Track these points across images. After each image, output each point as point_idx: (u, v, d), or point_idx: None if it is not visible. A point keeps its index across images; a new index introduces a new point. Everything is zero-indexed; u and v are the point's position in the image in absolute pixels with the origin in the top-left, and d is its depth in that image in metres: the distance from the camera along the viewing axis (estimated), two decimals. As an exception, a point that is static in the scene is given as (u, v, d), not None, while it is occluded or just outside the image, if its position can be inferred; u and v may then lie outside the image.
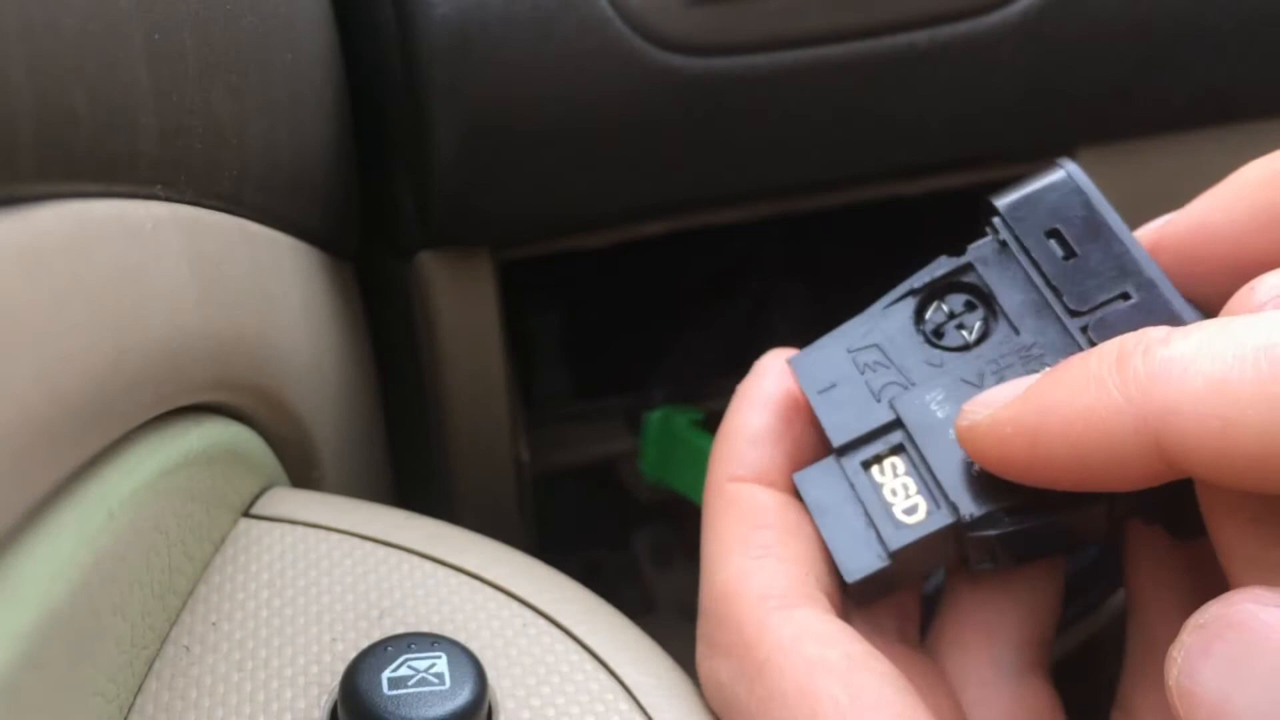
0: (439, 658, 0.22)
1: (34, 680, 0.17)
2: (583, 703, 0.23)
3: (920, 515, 0.21)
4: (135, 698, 0.22)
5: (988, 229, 0.24)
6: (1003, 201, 0.23)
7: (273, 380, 0.30)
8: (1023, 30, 0.43)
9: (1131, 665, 0.24)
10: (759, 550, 0.22)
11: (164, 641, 0.23)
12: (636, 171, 0.43)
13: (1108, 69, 0.45)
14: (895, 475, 0.22)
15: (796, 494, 0.24)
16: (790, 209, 0.48)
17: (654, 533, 0.68)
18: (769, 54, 0.41)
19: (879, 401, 0.22)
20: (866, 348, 0.23)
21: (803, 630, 0.21)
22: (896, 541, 0.21)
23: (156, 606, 0.23)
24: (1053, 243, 0.23)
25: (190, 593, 0.25)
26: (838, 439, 0.22)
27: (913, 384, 0.22)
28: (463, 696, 0.21)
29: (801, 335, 0.24)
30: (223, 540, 0.26)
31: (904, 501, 0.21)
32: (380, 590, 0.25)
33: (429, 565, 0.26)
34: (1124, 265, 0.22)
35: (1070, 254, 0.22)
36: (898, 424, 0.22)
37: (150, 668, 0.23)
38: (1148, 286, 0.22)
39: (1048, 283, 0.22)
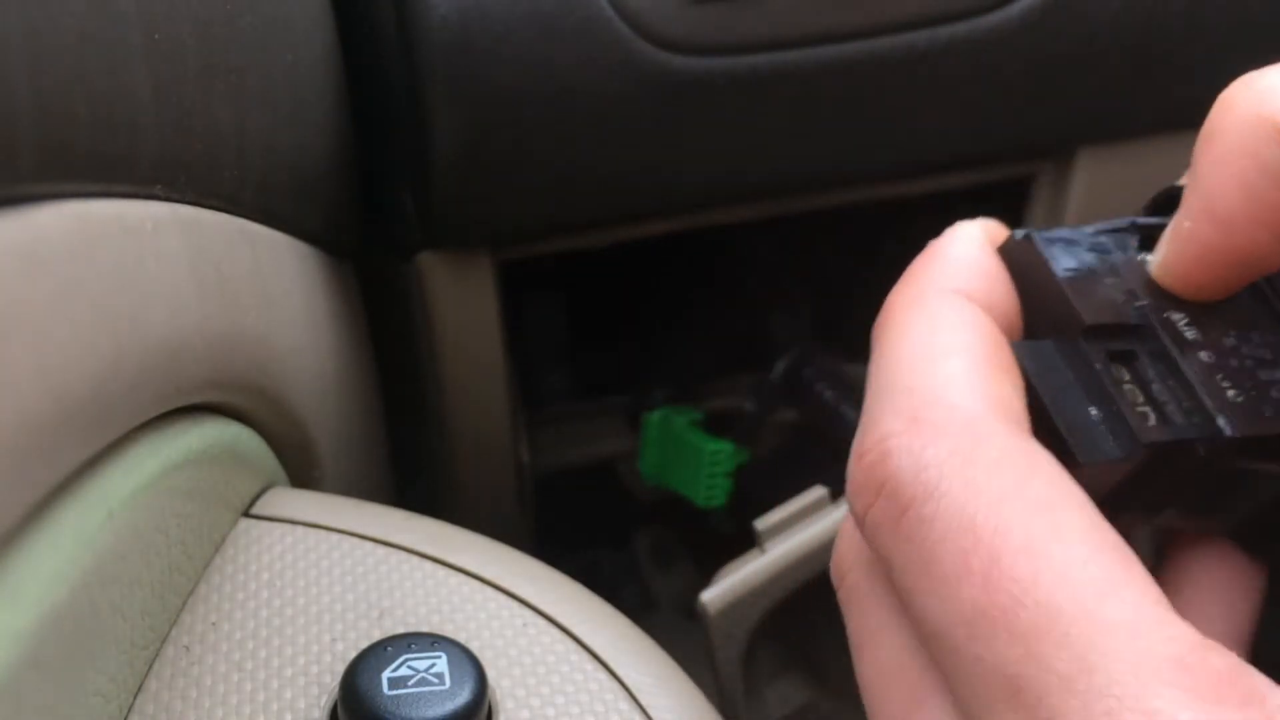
0: (439, 658, 0.22)
1: (34, 680, 0.17)
2: (583, 703, 0.23)
3: (1153, 421, 0.20)
4: (135, 698, 0.22)
5: None
6: None
7: (273, 380, 0.30)
8: (1023, 30, 0.43)
9: None
10: (986, 363, 0.20)
11: (164, 641, 0.23)
12: (636, 171, 0.43)
13: (1108, 69, 0.45)
14: (1125, 381, 0.21)
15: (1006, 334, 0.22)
16: (790, 209, 0.48)
17: (654, 533, 0.68)
18: (769, 54, 0.41)
19: (1121, 303, 0.22)
20: (1104, 253, 0.23)
21: (1043, 450, 0.19)
22: (1150, 437, 0.20)
23: (156, 606, 0.23)
24: None
25: (190, 593, 0.25)
26: (1090, 317, 0.21)
27: (1148, 299, 0.22)
28: (463, 696, 0.21)
29: (801, 335, 0.24)
30: (223, 540, 0.26)
31: (1139, 406, 0.21)
32: (380, 590, 0.25)
33: (429, 565, 0.26)
34: None
35: None
36: (1139, 331, 0.21)
37: (150, 668, 0.23)
38: None
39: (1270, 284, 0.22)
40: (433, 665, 0.22)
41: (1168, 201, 0.24)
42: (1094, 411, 0.21)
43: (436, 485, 0.52)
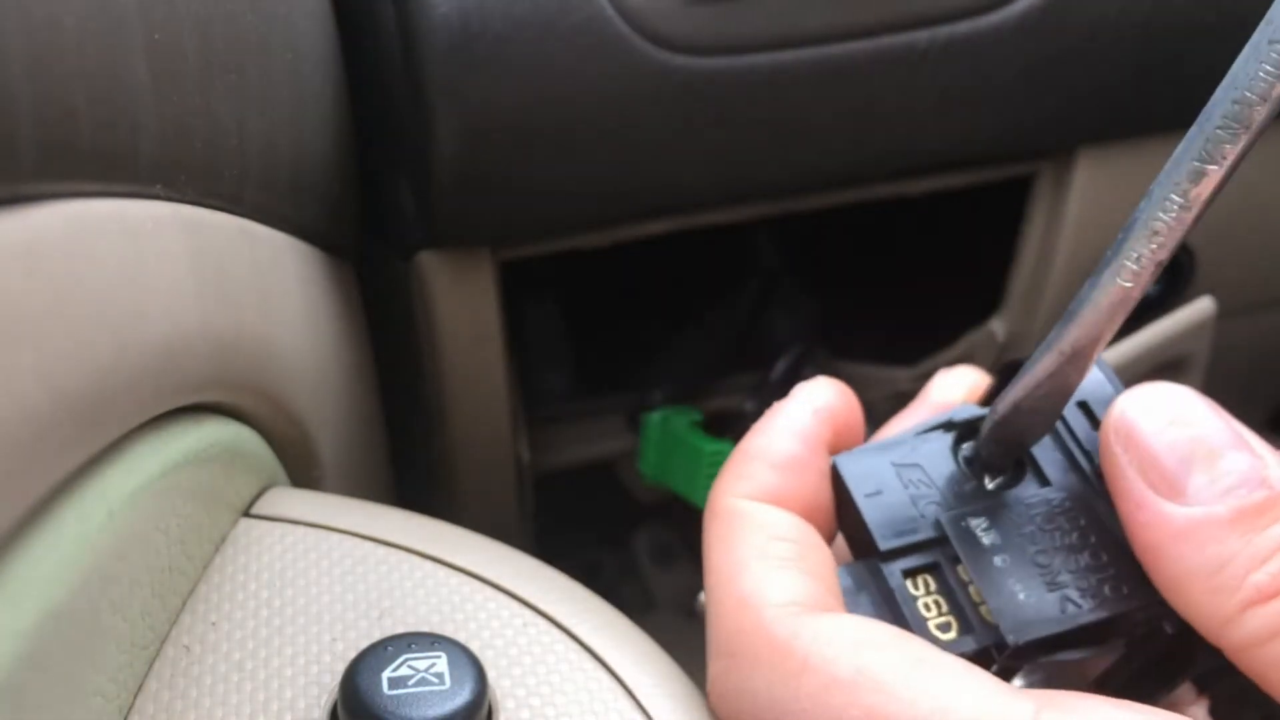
0: (439, 657, 0.22)
1: (34, 680, 0.17)
2: (583, 702, 0.23)
3: (953, 634, 0.22)
4: (135, 698, 0.22)
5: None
6: None
7: (273, 380, 0.30)
8: (1023, 30, 0.43)
9: None
10: (778, 561, 0.22)
11: (164, 641, 0.23)
12: (637, 171, 0.43)
13: (1108, 69, 0.45)
14: (928, 591, 0.22)
15: (811, 521, 0.24)
16: (790, 209, 0.48)
17: (654, 533, 0.69)
18: (769, 54, 0.41)
19: (922, 516, 0.23)
20: (909, 465, 0.24)
21: (838, 624, 0.20)
22: None
23: (156, 606, 0.23)
24: (1079, 412, 0.24)
25: (190, 593, 0.25)
26: (885, 544, 0.23)
27: (953, 507, 0.23)
28: (463, 696, 0.21)
29: (801, 335, 0.24)
30: (223, 540, 0.26)
31: (938, 618, 0.22)
32: (380, 590, 0.25)
33: (429, 565, 0.26)
34: None
35: (1095, 424, 0.23)
36: (940, 542, 0.23)
37: (150, 668, 0.23)
38: None
39: (1078, 444, 0.23)
40: (433, 665, 0.22)
41: (1012, 371, 0.25)
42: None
43: (436, 485, 0.52)
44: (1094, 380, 0.24)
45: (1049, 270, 0.52)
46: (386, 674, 0.21)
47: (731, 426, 0.56)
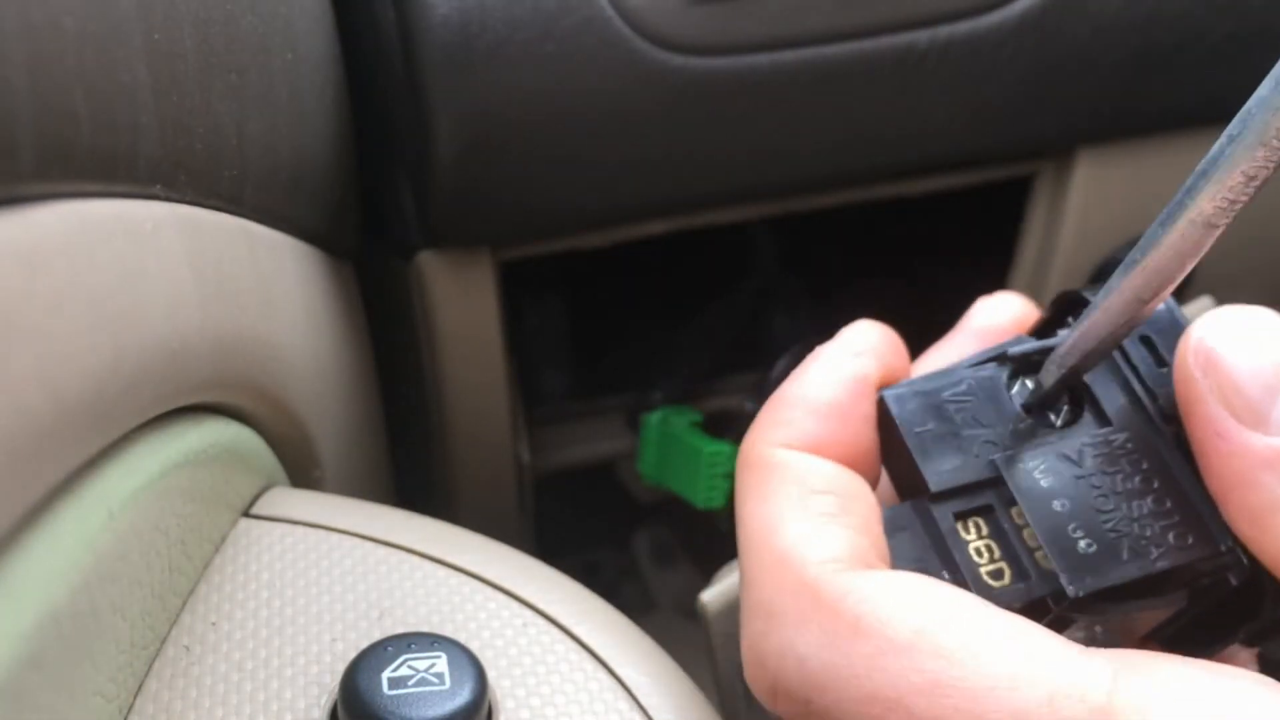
0: (439, 658, 0.22)
1: (34, 680, 0.17)
2: (583, 702, 0.23)
3: (1005, 581, 0.21)
4: (135, 698, 0.22)
5: (1073, 320, 0.24)
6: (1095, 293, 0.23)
7: (273, 380, 0.30)
8: (1023, 30, 0.43)
9: None
10: (819, 515, 0.20)
11: (164, 641, 0.23)
12: (637, 171, 0.43)
13: (1108, 69, 0.45)
14: (979, 535, 0.21)
15: (855, 468, 0.22)
16: (790, 209, 0.48)
17: (654, 533, 0.68)
18: (769, 54, 0.41)
19: (976, 457, 0.22)
20: (961, 400, 0.23)
21: (890, 581, 0.19)
22: (994, 600, 0.20)
23: (156, 606, 0.23)
24: (1144, 349, 0.22)
25: (190, 593, 0.25)
26: (936, 484, 0.22)
27: (1008, 447, 0.22)
28: (463, 696, 0.21)
29: (801, 335, 0.24)
30: (223, 540, 0.26)
31: (989, 565, 0.21)
32: (380, 590, 0.25)
33: (429, 565, 0.26)
34: None
35: (1161, 363, 0.22)
36: (994, 483, 0.21)
37: (150, 668, 0.23)
38: None
39: (1142, 384, 0.22)
40: (433, 665, 0.22)
41: (1070, 305, 0.24)
42: (945, 575, 0.21)
43: (436, 485, 0.52)
44: (1158, 313, 0.22)
45: (1049, 270, 0.52)
46: (386, 674, 0.21)
47: (731, 426, 0.56)
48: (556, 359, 0.62)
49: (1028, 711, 0.17)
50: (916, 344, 0.27)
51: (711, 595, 0.41)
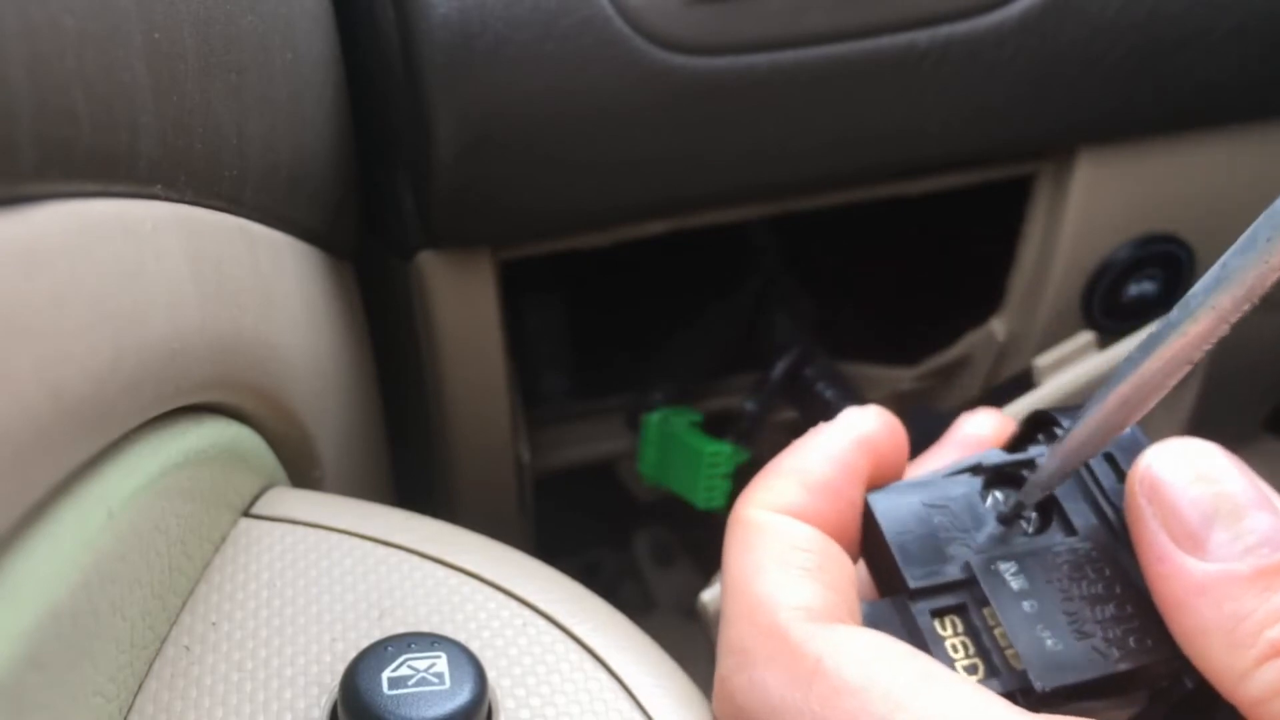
0: (439, 657, 0.22)
1: (34, 680, 0.17)
2: (583, 702, 0.23)
3: (979, 676, 0.22)
4: (135, 698, 0.22)
5: (1044, 439, 0.25)
6: (1062, 415, 0.25)
7: (273, 380, 0.30)
8: (1023, 30, 0.43)
9: None
10: (797, 570, 0.22)
11: (164, 641, 0.23)
12: (636, 171, 0.43)
13: (1108, 69, 0.45)
14: (955, 632, 0.23)
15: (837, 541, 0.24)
16: (790, 209, 0.48)
17: (654, 533, 0.69)
18: (769, 54, 0.41)
19: (951, 558, 0.23)
20: (939, 506, 0.24)
21: (851, 635, 0.21)
22: None
23: (156, 606, 0.23)
24: (1107, 465, 0.24)
25: (190, 593, 0.25)
26: (915, 582, 0.23)
27: (982, 551, 0.23)
28: (463, 696, 0.21)
29: (801, 335, 0.24)
30: (223, 540, 0.26)
31: (964, 660, 0.22)
32: (380, 590, 0.25)
33: (429, 565, 0.26)
34: None
35: (1122, 478, 0.24)
36: (968, 584, 0.23)
37: (150, 668, 0.23)
38: None
39: (1105, 497, 0.24)
40: (433, 665, 0.22)
41: (1039, 423, 0.25)
42: None
43: (436, 485, 0.52)
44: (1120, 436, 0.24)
45: (1049, 270, 0.52)
46: (386, 674, 0.21)
47: (731, 427, 0.56)
48: (556, 359, 0.62)
49: None
50: (916, 344, 0.27)
51: (711, 595, 0.41)
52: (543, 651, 0.24)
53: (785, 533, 0.23)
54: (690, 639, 0.40)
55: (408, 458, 0.51)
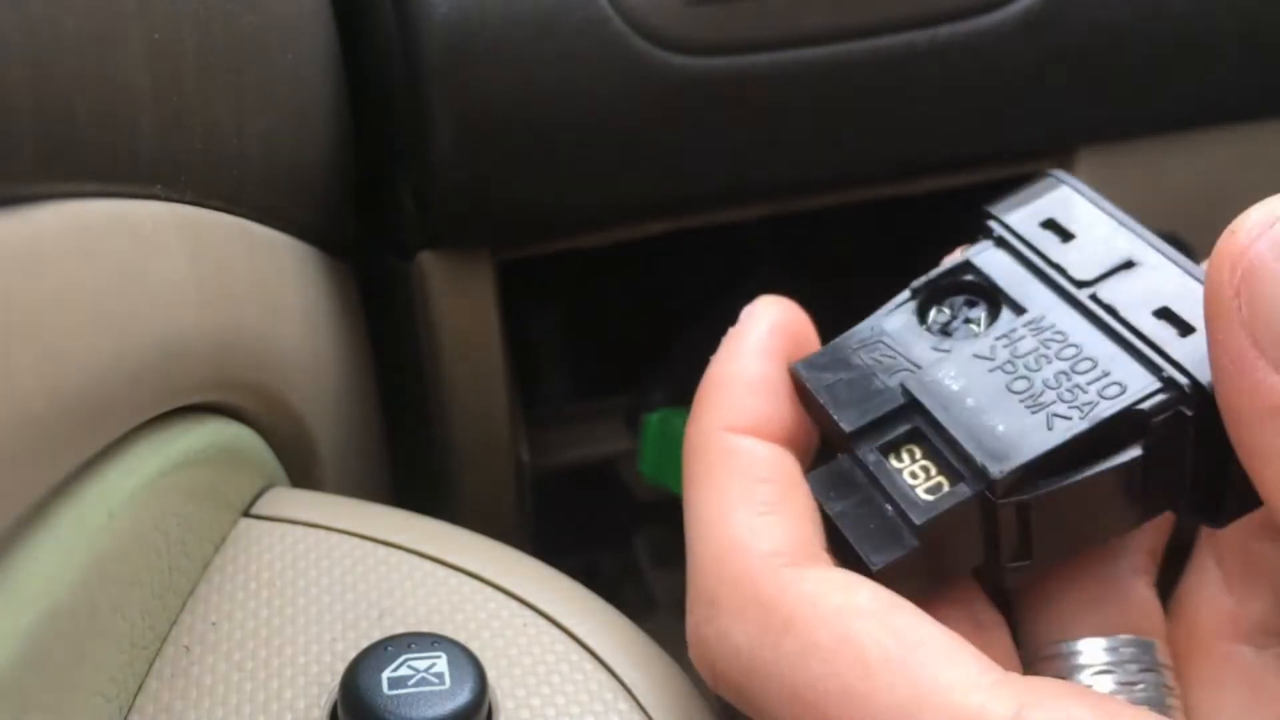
0: (439, 658, 0.22)
1: (34, 680, 0.17)
2: (583, 702, 0.23)
3: (944, 491, 0.20)
4: (135, 698, 0.22)
5: (981, 236, 0.24)
6: (997, 205, 0.24)
7: (273, 380, 0.30)
8: (1023, 30, 0.43)
9: (1195, 565, 0.24)
10: (762, 506, 0.21)
11: (164, 641, 0.23)
12: (636, 171, 0.43)
13: (1108, 69, 0.45)
14: (914, 460, 0.21)
15: (789, 447, 0.23)
16: (790, 209, 0.48)
17: (654, 533, 0.68)
18: (769, 54, 0.41)
19: (889, 388, 0.22)
20: (872, 343, 0.23)
21: (823, 582, 0.19)
22: (923, 516, 0.20)
23: (156, 606, 0.23)
24: (1049, 232, 0.23)
25: (190, 593, 0.25)
26: (849, 425, 0.22)
27: (924, 370, 0.22)
28: (463, 696, 0.21)
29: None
30: (223, 540, 0.26)
31: (926, 483, 0.21)
32: (380, 590, 0.25)
33: (429, 565, 0.26)
34: (1120, 239, 0.23)
35: (1067, 237, 0.23)
36: (912, 406, 0.22)
37: (150, 668, 0.23)
38: (1150, 253, 0.22)
39: (1049, 262, 0.22)
40: (433, 665, 0.22)
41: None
42: (883, 512, 0.21)
43: (436, 485, 0.52)
44: (1055, 192, 0.23)
45: (1049, 270, 0.52)
46: (386, 674, 0.21)
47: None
48: (556, 359, 0.62)
49: None
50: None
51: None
52: (543, 651, 0.24)
53: (746, 462, 0.22)
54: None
55: (408, 458, 0.51)
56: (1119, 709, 0.17)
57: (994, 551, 0.21)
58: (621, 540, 0.69)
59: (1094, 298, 0.22)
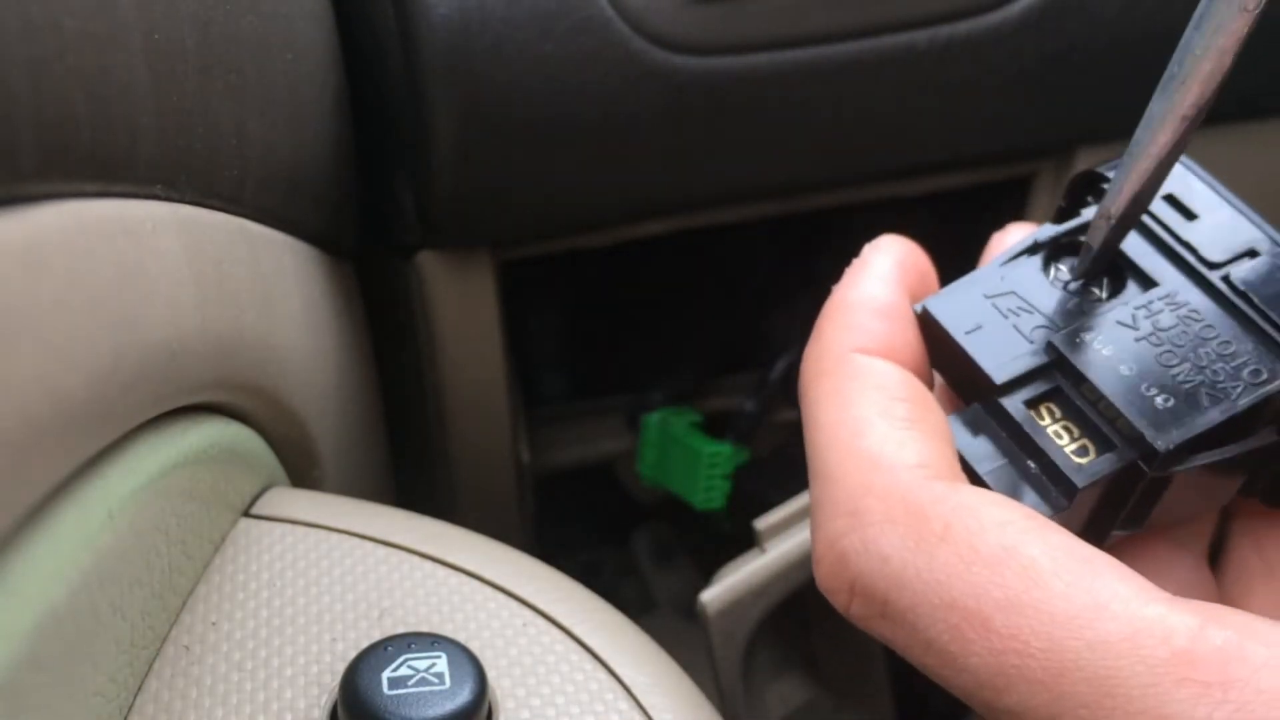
0: (439, 657, 0.22)
1: (34, 680, 0.17)
2: (583, 702, 0.23)
3: (1091, 456, 0.20)
4: (135, 698, 0.22)
5: (1091, 199, 0.24)
6: (1110, 169, 0.24)
7: (273, 380, 0.30)
8: (1023, 30, 0.43)
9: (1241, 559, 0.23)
10: (902, 422, 0.21)
11: (164, 641, 0.23)
12: (636, 171, 0.43)
13: (1108, 69, 0.45)
14: (1055, 419, 0.21)
15: (917, 373, 0.23)
16: (790, 209, 0.48)
17: (654, 533, 0.68)
18: (769, 54, 0.41)
19: (1031, 343, 0.22)
20: (1004, 294, 0.23)
21: (979, 495, 0.19)
22: (1085, 479, 0.20)
23: (156, 606, 0.23)
24: (1171, 209, 0.23)
25: (190, 593, 0.25)
26: (1001, 376, 0.21)
27: (1061, 328, 0.22)
28: (463, 696, 0.21)
29: (801, 335, 0.24)
30: (223, 540, 0.26)
31: (1071, 444, 0.21)
32: (380, 590, 0.25)
33: (429, 565, 0.26)
34: (1242, 225, 0.22)
35: (1190, 216, 0.22)
36: (1058, 365, 0.21)
37: (150, 668, 0.23)
38: (1270, 243, 0.22)
39: (1177, 238, 0.22)
40: (433, 665, 0.22)
41: (1087, 184, 0.24)
42: (1031, 466, 0.21)
43: (436, 485, 0.52)
44: (1174, 172, 0.23)
45: (1049, 270, 0.52)
46: (386, 674, 0.21)
47: (731, 427, 0.56)
48: (556, 359, 0.62)
49: (1107, 645, 0.16)
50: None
51: (711, 595, 0.41)
52: (543, 651, 0.24)
53: (880, 379, 0.21)
54: (690, 639, 0.40)
55: (408, 458, 0.51)
56: None
57: (1112, 517, 0.21)
58: (621, 540, 0.69)
59: (1226, 280, 0.21)
